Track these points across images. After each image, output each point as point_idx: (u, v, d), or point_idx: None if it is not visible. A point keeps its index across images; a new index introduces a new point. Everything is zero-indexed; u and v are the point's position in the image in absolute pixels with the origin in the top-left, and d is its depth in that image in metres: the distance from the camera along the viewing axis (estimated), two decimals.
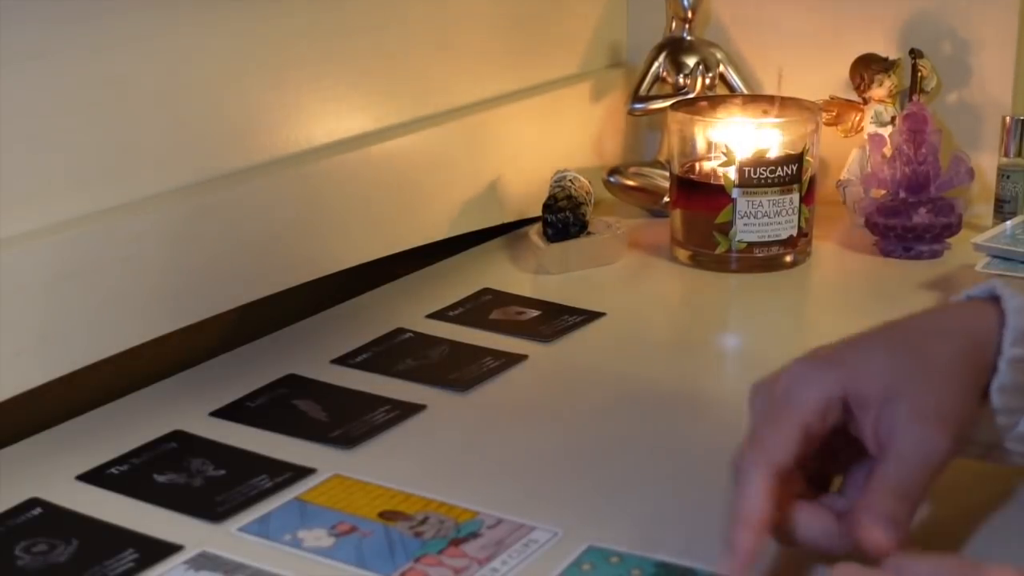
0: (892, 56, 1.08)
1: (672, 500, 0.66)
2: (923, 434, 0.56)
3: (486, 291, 0.96)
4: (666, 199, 1.08)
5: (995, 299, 0.61)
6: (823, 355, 0.60)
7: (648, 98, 1.14)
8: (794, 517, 0.57)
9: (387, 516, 0.64)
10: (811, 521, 0.57)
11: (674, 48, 1.14)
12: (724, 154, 0.98)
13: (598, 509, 0.64)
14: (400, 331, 0.88)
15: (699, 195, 1.00)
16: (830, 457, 0.60)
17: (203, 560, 0.60)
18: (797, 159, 0.98)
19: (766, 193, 0.97)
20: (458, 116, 1.01)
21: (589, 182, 1.05)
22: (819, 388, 0.57)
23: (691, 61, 1.13)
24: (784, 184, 0.98)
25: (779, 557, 0.59)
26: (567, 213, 1.00)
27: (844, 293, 0.99)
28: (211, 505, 0.65)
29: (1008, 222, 1.02)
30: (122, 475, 0.69)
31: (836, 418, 0.58)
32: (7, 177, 0.70)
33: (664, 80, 1.14)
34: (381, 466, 0.69)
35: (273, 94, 0.86)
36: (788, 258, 1.00)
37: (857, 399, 0.57)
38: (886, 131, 1.06)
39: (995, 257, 0.97)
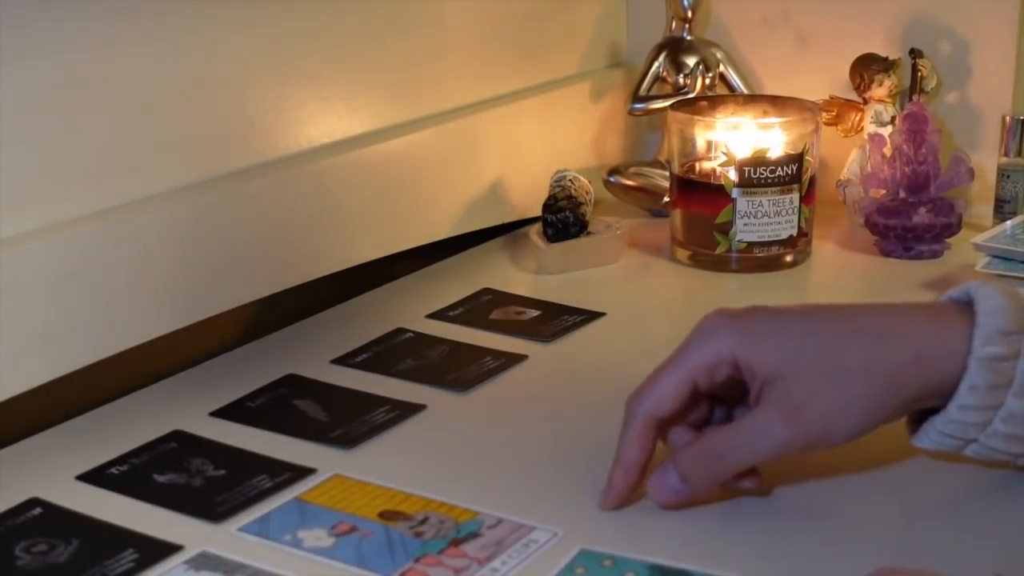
0: (892, 56, 1.08)
1: None
2: (767, 420, 0.60)
3: (486, 291, 0.96)
4: (666, 199, 1.08)
5: (972, 300, 0.62)
6: (736, 314, 0.63)
7: (648, 98, 1.14)
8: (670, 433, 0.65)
9: (387, 516, 0.64)
10: (676, 436, 0.64)
11: (674, 48, 1.14)
12: (724, 154, 0.98)
13: (598, 509, 0.64)
14: (400, 331, 0.88)
15: (699, 195, 1.00)
16: (739, 389, 0.63)
17: (203, 560, 0.60)
18: (797, 159, 0.98)
19: (766, 193, 0.97)
20: (458, 116, 1.01)
21: (589, 182, 1.05)
22: (712, 348, 0.62)
23: (691, 61, 1.14)
24: (784, 184, 0.98)
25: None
26: (567, 213, 1.00)
27: (844, 293, 0.99)
28: (211, 505, 0.65)
29: (1008, 222, 1.02)
30: (122, 475, 0.69)
31: (728, 374, 0.62)
32: (7, 177, 0.70)
33: (664, 80, 1.15)
34: (381, 466, 0.69)
35: (274, 94, 0.86)
36: (788, 258, 1.00)
37: (747, 367, 0.61)
38: (886, 131, 1.06)
39: (995, 257, 0.97)
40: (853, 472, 0.67)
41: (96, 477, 0.69)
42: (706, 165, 1.00)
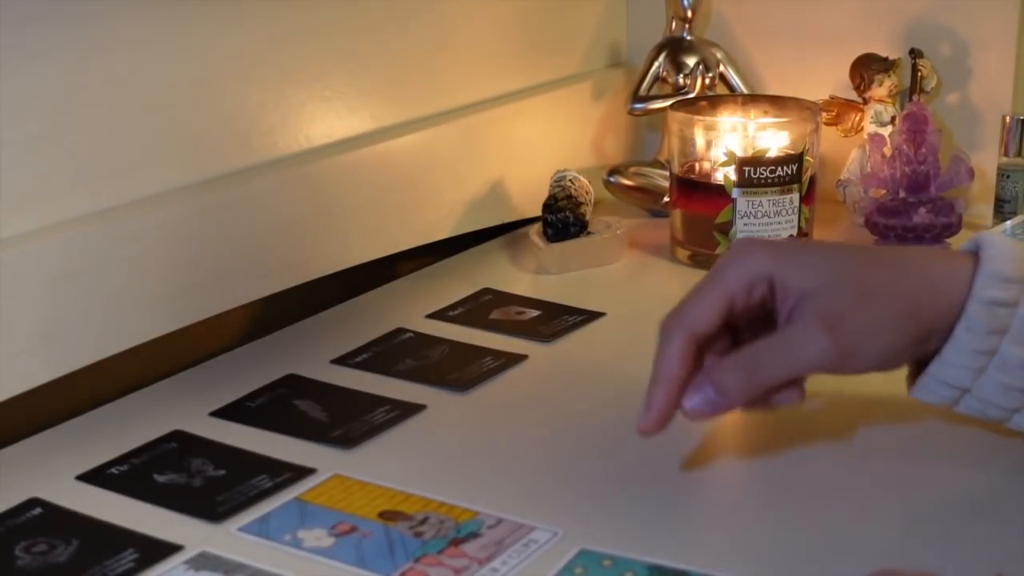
0: (892, 56, 1.08)
1: (671, 501, 0.66)
2: (808, 328, 0.61)
3: (486, 291, 0.96)
4: (666, 199, 1.08)
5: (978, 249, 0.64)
6: (767, 240, 0.65)
7: (648, 98, 1.14)
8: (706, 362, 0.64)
9: (387, 516, 0.64)
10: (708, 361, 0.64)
11: (674, 48, 1.14)
12: (724, 154, 0.98)
13: (598, 509, 0.64)
14: (400, 331, 0.88)
15: (699, 195, 1.00)
16: (761, 326, 0.64)
17: (203, 560, 0.60)
18: (797, 159, 0.98)
19: (766, 193, 0.97)
20: (458, 116, 1.01)
21: (589, 182, 1.05)
22: (750, 266, 0.62)
23: (691, 61, 1.14)
24: (784, 184, 0.98)
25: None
26: (567, 213, 1.00)
27: None
28: (211, 505, 0.65)
29: (1008, 222, 1.02)
30: (122, 475, 0.69)
31: (762, 295, 0.63)
32: (7, 177, 0.70)
33: (664, 80, 1.14)
34: (381, 466, 0.69)
35: (273, 94, 0.86)
36: None
37: (782, 286, 0.62)
38: (886, 131, 1.06)
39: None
40: (853, 472, 0.67)
41: (96, 477, 0.69)
42: (706, 165, 1.00)
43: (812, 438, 0.70)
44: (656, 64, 1.14)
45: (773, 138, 0.98)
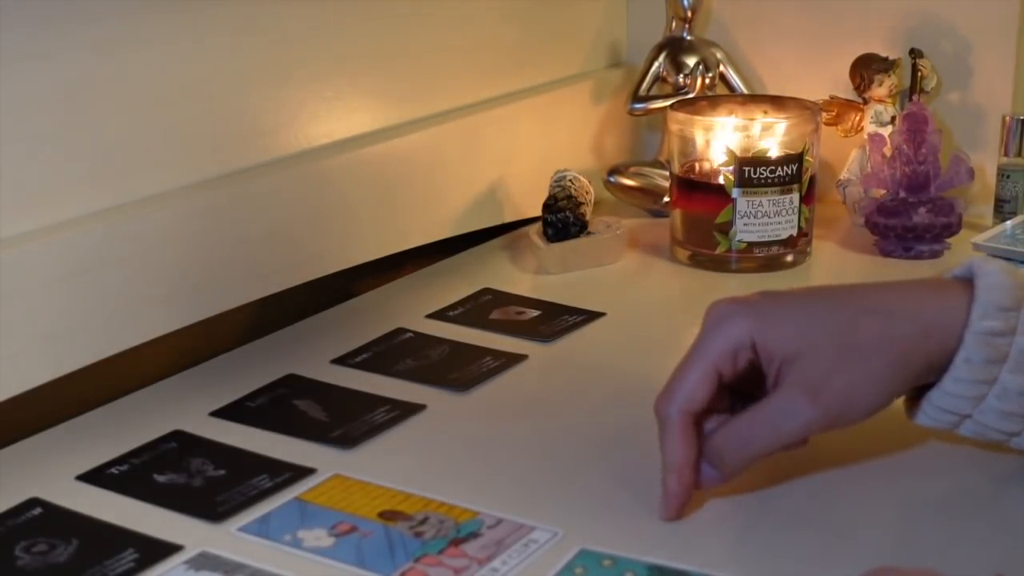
0: (892, 56, 1.08)
1: None
2: (789, 399, 0.61)
3: (486, 291, 0.96)
4: (666, 199, 1.08)
5: (972, 278, 0.63)
6: (746, 300, 0.64)
7: (648, 98, 1.14)
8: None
9: (387, 516, 0.64)
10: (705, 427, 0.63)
11: (674, 48, 1.14)
12: (724, 154, 0.98)
13: (598, 509, 0.64)
14: (400, 331, 0.88)
15: (699, 195, 1.00)
16: (760, 381, 0.63)
17: (203, 560, 0.60)
18: (797, 159, 0.98)
19: (766, 193, 0.97)
20: (458, 116, 1.01)
21: (589, 182, 1.05)
22: (731, 334, 0.62)
23: (691, 61, 1.14)
24: (784, 184, 0.98)
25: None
26: (567, 213, 1.00)
27: None
28: (211, 505, 0.65)
29: (1008, 222, 1.02)
30: (122, 475, 0.69)
31: (749, 360, 0.62)
32: (7, 177, 0.70)
33: (664, 80, 1.15)
34: (381, 466, 0.69)
35: (273, 94, 0.86)
36: (788, 258, 1.00)
37: (764, 351, 0.62)
38: (886, 131, 1.06)
39: (995, 257, 0.97)
40: (852, 471, 0.67)
41: (96, 477, 0.69)
42: (706, 165, 1.00)
43: (811, 438, 0.70)
44: (656, 64, 1.14)
45: (773, 138, 0.98)
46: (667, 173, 1.07)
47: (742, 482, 0.65)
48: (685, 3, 1.13)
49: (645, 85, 1.14)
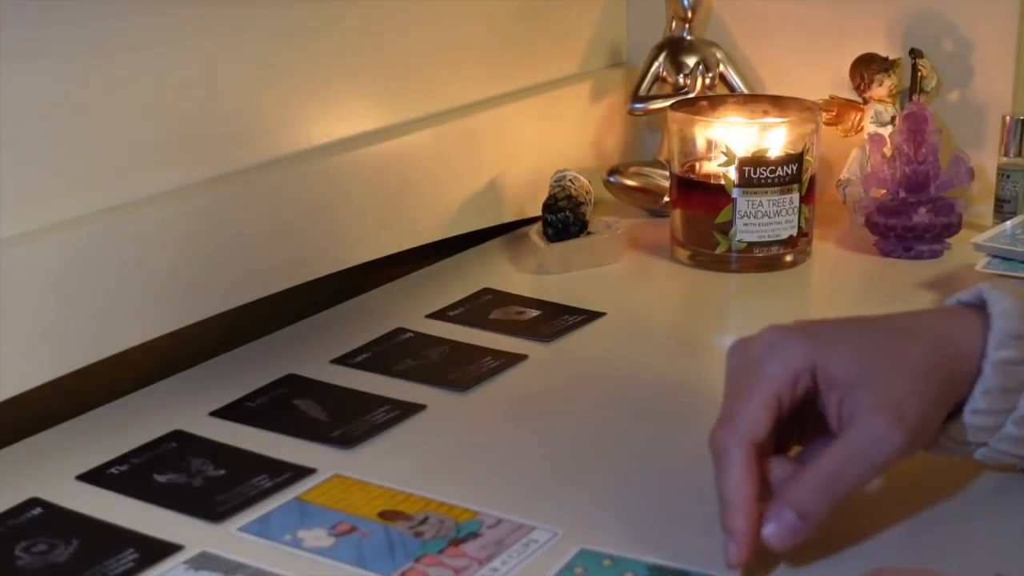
0: (892, 56, 1.08)
1: (671, 501, 0.66)
2: (878, 426, 0.57)
3: (486, 291, 0.96)
4: (666, 199, 1.08)
5: (983, 303, 0.62)
6: (797, 325, 0.60)
7: (648, 98, 1.14)
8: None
9: (387, 516, 0.64)
10: (776, 469, 0.58)
11: (674, 48, 1.14)
12: (724, 154, 0.98)
13: (598, 509, 0.64)
14: (400, 331, 0.88)
15: (699, 195, 1.00)
16: (795, 426, 0.61)
17: (203, 560, 0.60)
18: (797, 159, 0.98)
19: (766, 193, 0.97)
20: (458, 116, 1.01)
21: (589, 182, 1.05)
22: (791, 359, 0.58)
23: (691, 61, 1.14)
24: (784, 184, 0.98)
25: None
26: (567, 213, 1.00)
27: (844, 293, 0.99)
28: (211, 505, 0.65)
29: (1008, 222, 1.02)
30: (122, 475, 0.69)
31: (807, 388, 0.59)
32: (7, 177, 0.70)
33: (664, 80, 1.15)
34: (381, 466, 0.69)
35: (273, 94, 0.86)
36: (788, 258, 1.00)
37: (825, 375, 0.58)
38: (886, 131, 1.06)
39: (995, 257, 0.97)
40: None
41: (96, 477, 0.69)
42: (706, 165, 1.00)
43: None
44: (656, 64, 1.14)
45: (773, 138, 0.98)
46: (667, 173, 1.07)
47: None
48: (685, 3, 1.13)
49: (645, 85, 1.14)
